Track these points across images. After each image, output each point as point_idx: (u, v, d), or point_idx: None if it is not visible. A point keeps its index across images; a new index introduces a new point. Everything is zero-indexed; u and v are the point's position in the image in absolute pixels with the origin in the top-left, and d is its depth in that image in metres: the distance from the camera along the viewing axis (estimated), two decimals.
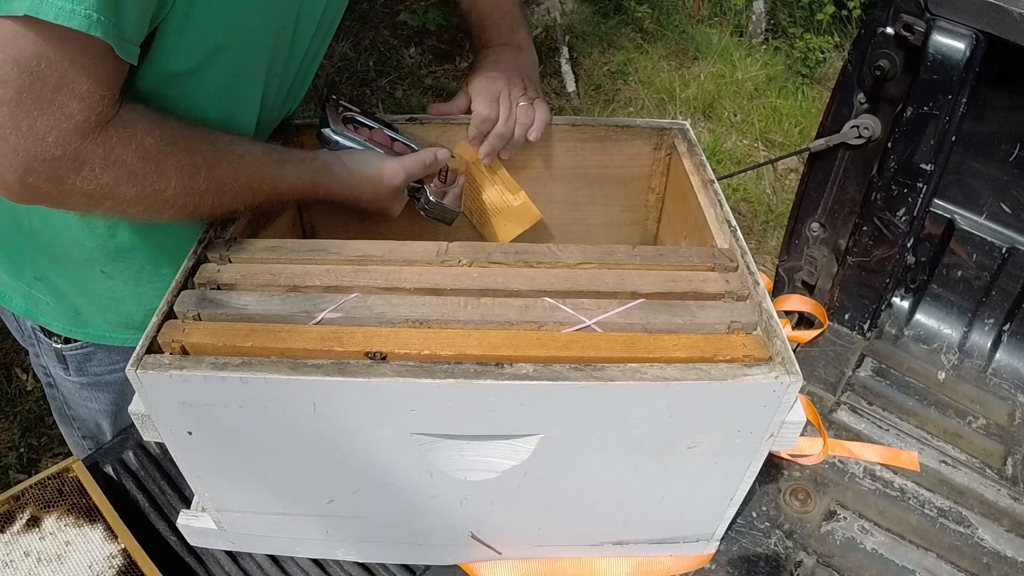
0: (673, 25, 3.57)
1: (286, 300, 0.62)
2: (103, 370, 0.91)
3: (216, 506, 0.72)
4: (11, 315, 0.89)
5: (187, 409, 0.59)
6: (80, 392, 0.95)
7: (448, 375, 0.56)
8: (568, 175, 0.93)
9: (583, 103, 3.17)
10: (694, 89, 3.16)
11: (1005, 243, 1.03)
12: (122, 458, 0.88)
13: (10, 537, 0.74)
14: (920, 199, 0.98)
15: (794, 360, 0.58)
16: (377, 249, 0.69)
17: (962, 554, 0.84)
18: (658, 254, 0.69)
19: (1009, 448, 0.97)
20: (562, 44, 3.35)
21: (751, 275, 0.66)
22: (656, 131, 0.89)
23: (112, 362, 0.90)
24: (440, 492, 0.67)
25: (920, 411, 1.02)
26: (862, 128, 1.00)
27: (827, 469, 0.93)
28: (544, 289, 0.64)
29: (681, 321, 0.61)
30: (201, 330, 0.60)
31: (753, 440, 0.62)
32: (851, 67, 0.98)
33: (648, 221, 0.98)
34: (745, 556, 0.82)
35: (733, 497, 0.70)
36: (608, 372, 0.56)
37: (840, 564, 0.82)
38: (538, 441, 0.62)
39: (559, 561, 0.79)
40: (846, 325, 1.14)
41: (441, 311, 0.62)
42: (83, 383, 0.93)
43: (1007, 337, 1.09)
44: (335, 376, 0.56)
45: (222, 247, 0.68)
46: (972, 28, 0.85)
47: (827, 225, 1.12)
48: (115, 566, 0.72)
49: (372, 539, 0.76)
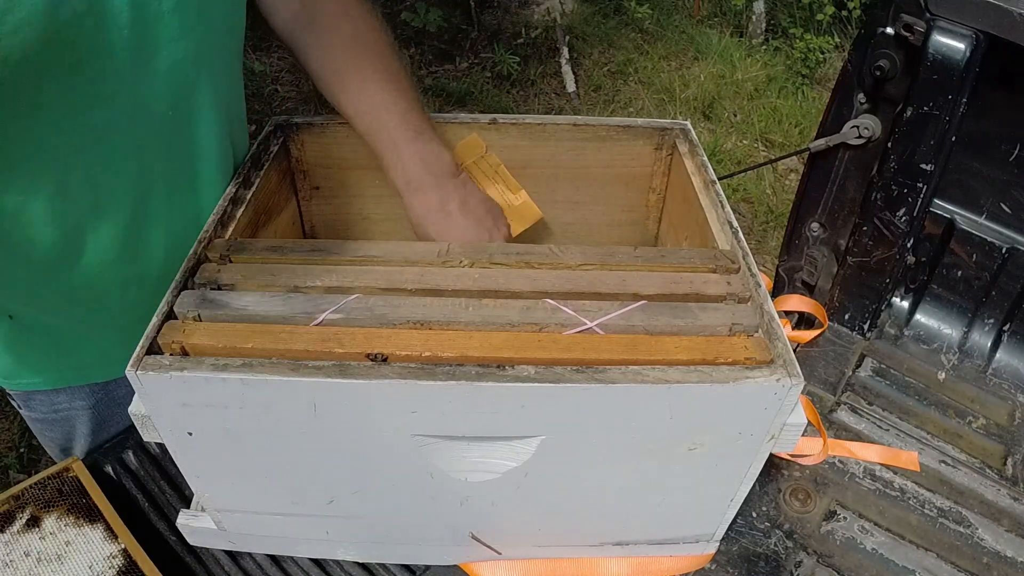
0: (673, 25, 3.57)
1: (287, 300, 0.62)
2: (47, 410, 0.90)
3: (216, 506, 0.71)
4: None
5: (187, 410, 0.59)
6: (34, 424, 0.94)
7: (449, 377, 0.56)
8: (569, 175, 0.93)
9: (583, 103, 3.17)
10: (694, 89, 3.16)
11: (1005, 243, 1.03)
12: (122, 458, 0.88)
13: (10, 537, 0.74)
14: (920, 199, 0.98)
15: (795, 363, 0.58)
16: (378, 249, 0.69)
17: (962, 554, 0.84)
18: (659, 255, 0.69)
19: (1009, 448, 0.97)
20: (562, 44, 3.35)
21: (752, 277, 0.66)
22: (657, 131, 0.88)
23: (53, 403, 0.89)
24: (440, 493, 0.67)
25: (920, 411, 1.02)
26: (862, 128, 0.99)
27: (827, 469, 0.93)
28: (545, 290, 0.64)
29: (683, 323, 0.61)
30: (201, 331, 0.59)
31: (754, 442, 0.62)
32: (851, 67, 0.98)
33: (649, 221, 0.98)
34: (745, 556, 0.82)
35: (733, 498, 0.70)
36: (609, 374, 0.56)
37: (840, 564, 0.83)
38: (539, 443, 0.62)
39: (559, 561, 0.79)
40: (846, 325, 1.14)
41: (442, 312, 0.62)
42: (32, 418, 0.92)
43: (1007, 337, 1.09)
44: (336, 377, 0.56)
45: (222, 247, 0.68)
46: (972, 28, 0.85)
47: (827, 225, 1.12)
48: (115, 566, 0.72)
49: (372, 539, 0.76)
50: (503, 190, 0.92)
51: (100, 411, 0.92)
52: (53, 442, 0.95)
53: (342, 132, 0.87)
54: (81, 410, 0.91)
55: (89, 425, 0.92)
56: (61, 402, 0.89)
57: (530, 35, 3.43)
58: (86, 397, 0.90)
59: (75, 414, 0.91)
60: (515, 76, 3.27)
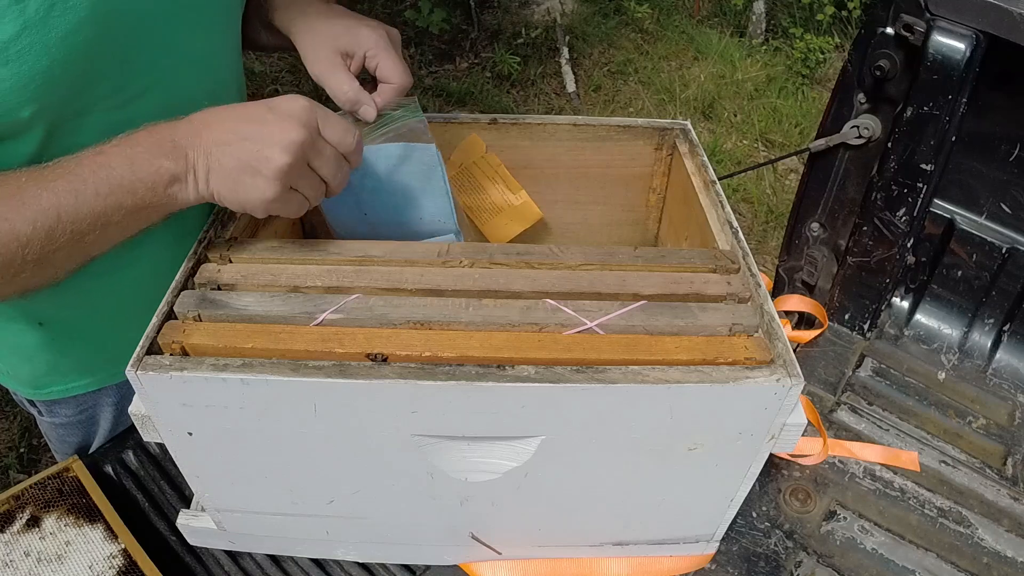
0: (673, 25, 3.57)
1: (287, 300, 0.62)
2: (72, 412, 0.90)
3: (216, 506, 0.71)
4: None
5: (187, 410, 0.59)
6: (55, 430, 0.94)
7: (449, 377, 0.56)
8: (569, 175, 0.93)
9: (583, 103, 3.18)
10: (694, 89, 3.16)
11: (1005, 243, 1.03)
12: (122, 458, 0.88)
13: (10, 537, 0.74)
14: (920, 199, 0.98)
15: (796, 363, 0.58)
16: (378, 249, 0.69)
17: (962, 554, 0.84)
18: (660, 255, 0.69)
19: (1009, 448, 0.97)
20: (562, 44, 3.35)
21: (752, 277, 0.66)
22: (657, 131, 0.88)
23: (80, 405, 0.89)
24: (441, 493, 0.67)
25: (920, 411, 1.02)
26: (862, 128, 0.99)
27: (827, 469, 0.93)
28: (546, 290, 0.64)
29: (683, 323, 0.61)
30: (201, 331, 0.59)
31: (754, 442, 0.62)
32: (851, 67, 0.98)
33: (649, 221, 0.98)
34: (745, 556, 0.82)
35: (733, 498, 0.70)
36: (610, 374, 0.56)
37: (840, 564, 0.83)
38: (539, 443, 0.62)
39: (559, 561, 0.79)
40: (846, 325, 1.14)
41: (443, 312, 0.62)
42: (54, 424, 0.92)
43: (1007, 337, 1.09)
44: (336, 378, 0.56)
45: (222, 247, 0.68)
46: (972, 28, 0.85)
47: (827, 225, 1.12)
48: (115, 566, 0.72)
49: (372, 539, 0.76)
50: (503, 190, 0.92)
51: (122, 405, 0.91)
52: (71, 446, 0.95)
53: None
54: (107, 407, 0.91)
55: (111, 421, 0.92)
56: (87, 401, 0.89)
57: (530, 35, 3.43)
58: (113, 393, 0.90)
59: (99, 412, 0.91)
60: (515, 76, 3.27)
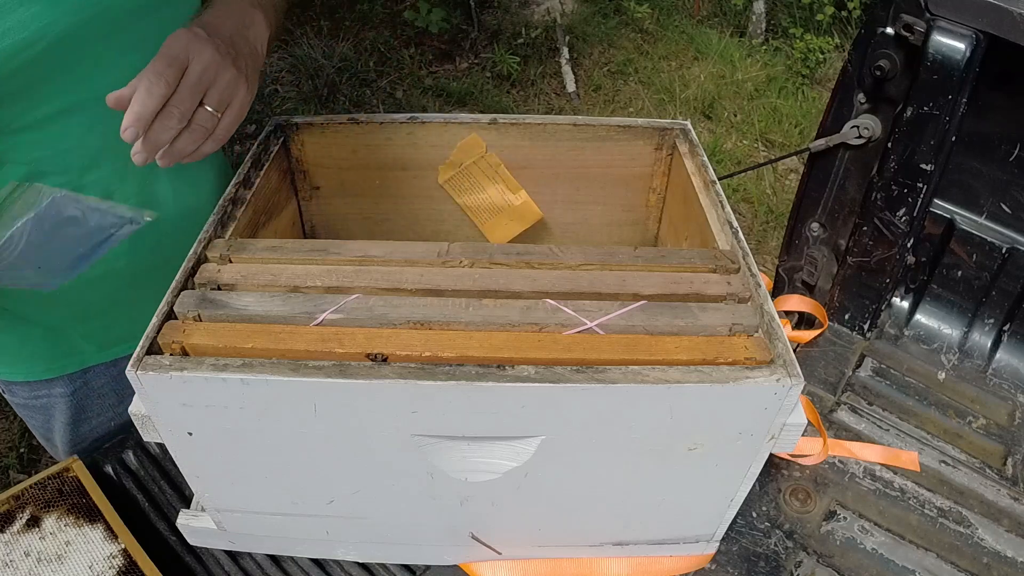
0: (673, 25, 3.57)
1: (287, 301, 0.62)
2: (27, 396, 0.93)
3: (216, 506, 0.72)
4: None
5: (187, 410, 0.59)
6: (17, 409, 0.97)
7: (449, 377, 0.56)
8: (569, 175, 0.93)
9: (583, 103, 3.18)
10: (694, 89, 3.17)
11: (1005, 243, 1.03)
12: (122, 458, 0.88)
13: (10, 537, 0.74)
14: (920, 199, 0.98)
15: (796, 363, 0.58)
16: (378, 249, 0.69)
17: (962, 554, 0.84)
18: (659, 255, 0.69)
19: (1009, 448, 0.97)
20: (562, 44, 3.35)
21: (752, 277, 0.66)
22: (658, 131, 0.88)
23: (33, 391, 0.91)
24: (441, 493, 0.67)
25: (920, 411, 1.02)
26: (862, 128, 1.00)
27: (827, 469, 0.93)
28: (546, 290, 0.64)
29: (683, 323, 0.61)
30: (201, 331, 0.60)
31: (754, 442, 0.62)
32: (851, 67, 0.98)
33: (649, 221, 0.98)
34: (745, 556, 0.82)
35: (733, 498, 0.70)
36: (610, 374, 0.56)
37: (840, 564, 0.83)
38: (539, 443, 0.62)
39: (559, 561, 0.79)
40: (846, 325, 1.14)
41: (442, 312, 0.62)
42: (15, 403, 0.95)
43: (1007, 337, 1.09)
44: (336, 378, 0.56)
45: (222, 247, 0.68)
46: (972, 28, 0.85)
47: (827, 225, 1.12)
48: (115, 566, 0.72)
49: (372, 539, 0.76)
50: (503, 190, 0.92)
51: (79, 400, 0.93)
52: (35, 429, 0.98)
53: (342, 132, 0.87)
54: (59, 398, 0.92)
55: (68, 414, 0.94)
56: (40, 388, 0.91)
57: (530, 35, 3.43)
58: (64, 385, 0.91)
59: (53, 402, 0.93)
60: (515, 76, 3.27)
